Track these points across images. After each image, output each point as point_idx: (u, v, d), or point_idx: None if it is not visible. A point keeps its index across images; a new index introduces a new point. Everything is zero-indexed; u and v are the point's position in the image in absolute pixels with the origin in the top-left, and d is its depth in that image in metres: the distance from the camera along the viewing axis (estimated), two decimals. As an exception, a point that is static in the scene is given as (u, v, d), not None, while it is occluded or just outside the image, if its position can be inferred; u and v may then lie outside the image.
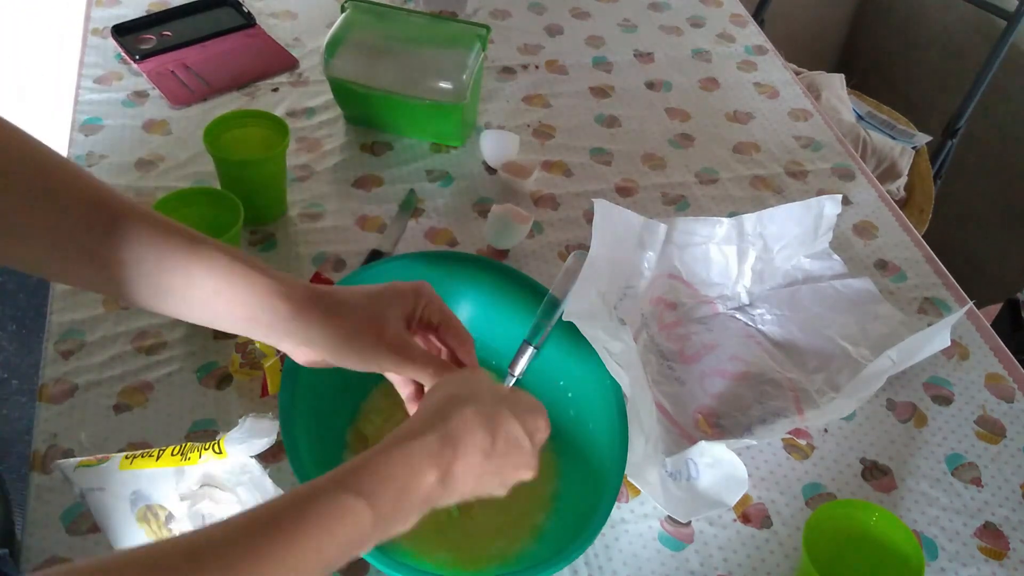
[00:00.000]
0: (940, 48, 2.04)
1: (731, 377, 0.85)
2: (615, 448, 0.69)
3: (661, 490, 0.72)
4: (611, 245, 0.79)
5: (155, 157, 1.01)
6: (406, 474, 0.50)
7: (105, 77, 1.11)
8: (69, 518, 0.70)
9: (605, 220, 0.78)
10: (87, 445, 0.75)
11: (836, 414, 0.80)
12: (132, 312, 0.85)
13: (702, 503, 0.74)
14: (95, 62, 1.13)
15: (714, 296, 0.90)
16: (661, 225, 0.84)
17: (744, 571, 0.72)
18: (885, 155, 1.68)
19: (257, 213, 0.93)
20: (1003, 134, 1.89)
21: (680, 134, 1.13)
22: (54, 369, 0.80)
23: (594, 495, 0.68)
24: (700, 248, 0.88)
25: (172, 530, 0.60)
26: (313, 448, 0.67)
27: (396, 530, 0.50)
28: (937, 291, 0.96)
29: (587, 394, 0.75)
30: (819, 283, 0.92)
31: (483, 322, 0.81)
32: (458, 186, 1.03)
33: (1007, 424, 0.84)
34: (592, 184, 1.05)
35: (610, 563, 0.71)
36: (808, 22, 2.23)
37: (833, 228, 0.92)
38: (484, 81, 1.13)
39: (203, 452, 0.58)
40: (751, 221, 0.88)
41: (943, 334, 0.77)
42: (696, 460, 0.74)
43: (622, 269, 0.82)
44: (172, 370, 0.81)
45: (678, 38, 1.29)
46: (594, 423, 0.73)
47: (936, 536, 0.75)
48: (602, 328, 0.71)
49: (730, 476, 0.74)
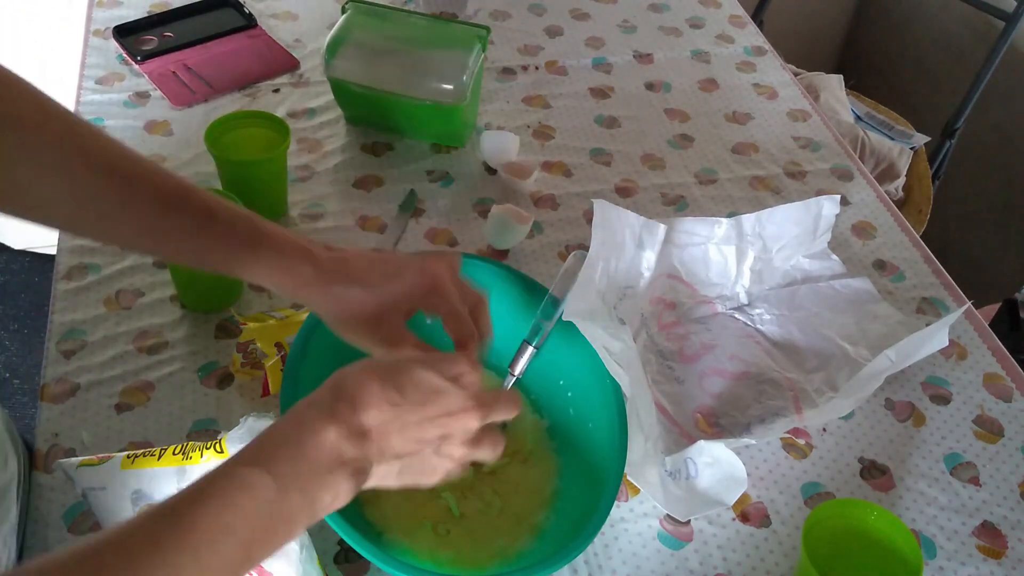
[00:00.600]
0: (938, 49, 2.04)
1: (730, 377, 0.85)
2: (615, 447, 0.70)
3: (660, 489, 0.72)
4: (610, 245, 0.80)
5: (156, 158, 1.02)
6: (299, 434, 0.48)
7: (106, 78, 1.12)
8: (71, 517, 0.70)
9: (604, 220, 0.78)
10: (88, 444, 0.75)
11: (834, 413, 0.80)
12: (134, 312, 0.85)
13: (701, 502, 0.74)
14: (97, 63, 1.13)
15: (713, 296, 0.91)
16: (660, 225, 0.84)
17: (743, 570, 0.72)
18: (883, 156, 1.68)
19: (258, 213, 0.93)
20: (1001, 134, 1.89)
21: (679, 135, 1.13)
22: (56, 369, 0.80)
23: (594, 494, 0.68)
24: (699, 248, 0.89)
25: None
26: None
27: (317, 498, 0.48)
28: (935, 291, 0.96)
29: (587, 394, 0.75)
30: (818, 283, 0.92)
31: None
32: (458, 186, 1.03)
33: (1005, 424, 0.84)
34: (592, 184, 1.05)
35: (610, 562, 0.71)
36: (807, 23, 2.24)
37: (832, 228, 0.93)
38: (484, 82, 1.14)
39: (204, 452, 0.59)
40: (750, 221, 0.88)
41: (941, 334, 0.78)
42: (695, 459, 0.75)
43: (622, 269, 0.82)
44: (173, 370, 0.81)
45: (677, 39, 1.29)
46: (594, 422, 0.74)
47: (935, 535, 0.75)
48: (602, 328, 0.72)
49: (729, 475, 0.74)
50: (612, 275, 0.80)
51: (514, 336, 0.78)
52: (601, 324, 0.72)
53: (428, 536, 0.69)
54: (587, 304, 0.74)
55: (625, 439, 0.70)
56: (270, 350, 0.77)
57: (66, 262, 0.89)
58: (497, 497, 0.73)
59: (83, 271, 0.88)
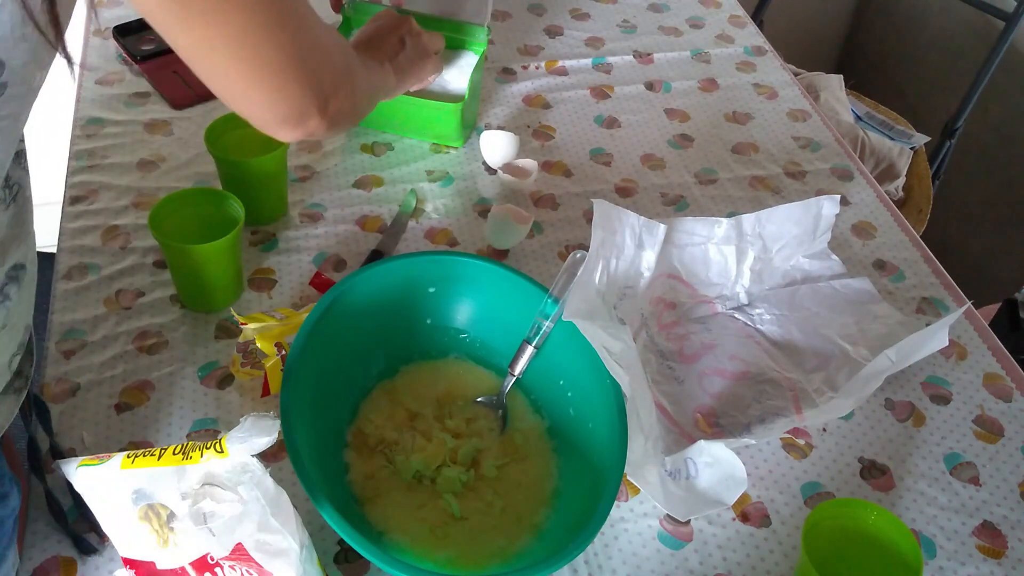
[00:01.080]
0: (938, 49, 2.04)
1: (730, 377, 0.85)
2: (615, 447, 0.70)
3: (660, 489, 0.72)
4: (610, 245, 0.80)
5: (156, 157, 1.02)
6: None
7: (107, 78, 1.12)
8: (70, 517, 0.70)
9: (604, 220, 0.78)
10: (88, 444, 0.75)
11: (835, 413, 0.80)
12: (133, 312, 0.85)
13: (701, 502, 0.74)
14: (97, 63, 1.13)
15: (713, 296, 0.90)
16: (660, 225, 0.84)
17: (743, 570, 0.72)
18: (883, 155, 1.68)
19: (258, 213, 0.93)
20: (1001, 134, 1.89)
21: (679, 135, 1.13)
22: (56, 368, 0.80)
23: (594, 494, 0.68)
24: (699, 248, 0.89)
25: (174, 529, 0.60)
26: (313, 448, 0.67)
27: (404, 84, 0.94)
28: (935, 291, 0.96)
29: (587, 393, 0.75)
30: (818, 283, 0.92)
31: (483, 322, 0.81)
32: (458, 186, 1.03)
33: (1005, 424, 0.84)
34: (592, 184, 1.05)
35: (609, 561, 0.71)
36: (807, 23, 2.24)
37: (832, 228, 0.93)
38: (484, 82, 1.14)
39: (204, 451, 0.58)
40: (750, 221, 0.88)
41: (941, 334, 0.78)
42: (695, 459, 0.75)
43: (621, 269, 0.82)
44: (173, 370, 0.81)
45: (677, 39, 1.29)
46: (594, 422, 0.74)
47: (935, 535, 0.75)
48: (602, 328, 0.72)
49: (729, 475, 0.74)
50: (612, 275, 0.80)
51: (514, 336, 0.79)
52: (601, 324, 0.72)
53: (428, 536, 0.69)
54: (587, 304, 0.74)
55: (625, 439, 0.70)
56: (270, 350, 0.77)
57: (66, 262, 0.89)
58: (498, 497, 0.73)
59: (83, 271, 0.88)
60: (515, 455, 0.76)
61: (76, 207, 0.95)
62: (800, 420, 0.79)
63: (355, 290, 0.75)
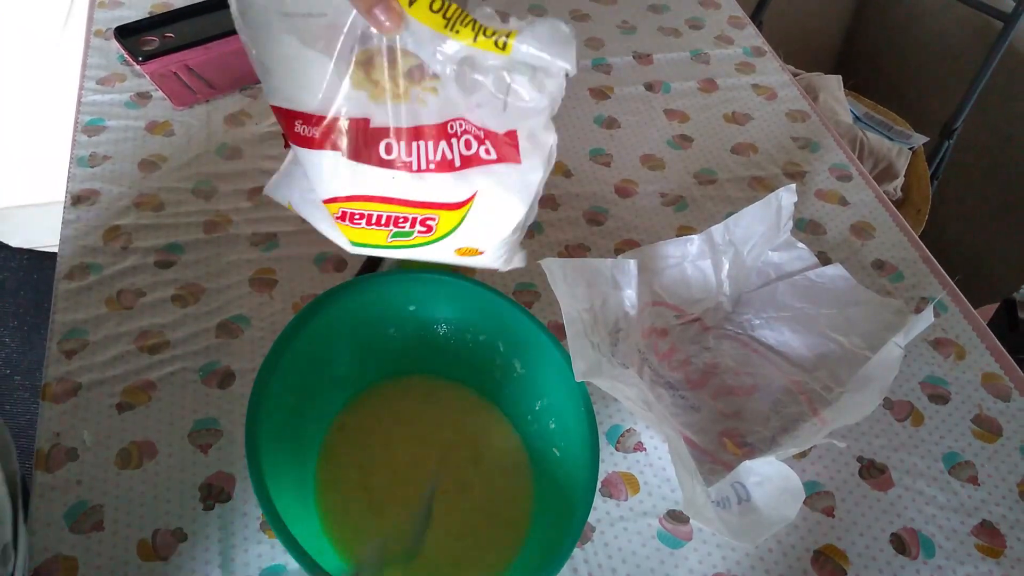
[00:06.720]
0: (937, 49, 2.05)
1: (742, 393, 0.84)
2: (585, 472, 0.65)
3: (721, 523, 0.69)
4: (581, 297, 0.76)
5: (158, 158, 1.02)
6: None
7: (108, 78, 1.12)
8: (72, 517, 0.70)
9: (561, 277, 0.75)
10: (90, 444, 0.75)
11: (858, 410, 0.76)
12: (135, 311, 0.85)
13: (764, 523, 0.71)
14: (98, 63, 1.14)
15: (700, 312, 0.89)
16: (630, 261, 0.81)
17: (743, 569, 0.72)
18: (882, 156, 1.69)
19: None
20: (1000, 135, 1.90)
21: (679, 135, 1.14)
22: (57, 368, 0.80)
23: (565, 524, 0.63)
24: (675, 269, 0.87)
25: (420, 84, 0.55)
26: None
27: None
28: (934, 291, 0.96)
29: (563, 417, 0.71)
30: (794, 277, 0.91)
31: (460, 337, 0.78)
32: (458, 187, 1.03)
33: (1004, 423, 0.85)
34: (592, 185, 1.05)
35: (609, 561, 0.72)
36: (806, 24, 2.24)
37: (793, 217, 0.91)
38: (484, 82, 1.14)
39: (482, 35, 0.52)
40: (720, 231, 0.87)
41: (928, 312, 0.77)
42: (744, 482, 0.73)
43: (603, 315, 0.79)
44: (175, 369, 0.81)
45: (677, 40, 1.29)
46: (566, 444, 0.70)
47: (933, 534, 0.76)
48: (611, 377, 0.69)
49: (783, 489, 0.72)
50: (595, 324, 0.77)
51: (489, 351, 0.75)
52: (608, 374, 0.69)
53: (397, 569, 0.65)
54: (588, 360, 0.71)
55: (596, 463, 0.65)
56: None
57: (67, 262, 0.90)
58: (467, 528, 0.70)
59: (84, 271, 0.89)
60: (490, 482, 0.72)
61: (77, 207, 0.95)
62: (820, 422, 0.77)
63: (328, 312, 0.71)
